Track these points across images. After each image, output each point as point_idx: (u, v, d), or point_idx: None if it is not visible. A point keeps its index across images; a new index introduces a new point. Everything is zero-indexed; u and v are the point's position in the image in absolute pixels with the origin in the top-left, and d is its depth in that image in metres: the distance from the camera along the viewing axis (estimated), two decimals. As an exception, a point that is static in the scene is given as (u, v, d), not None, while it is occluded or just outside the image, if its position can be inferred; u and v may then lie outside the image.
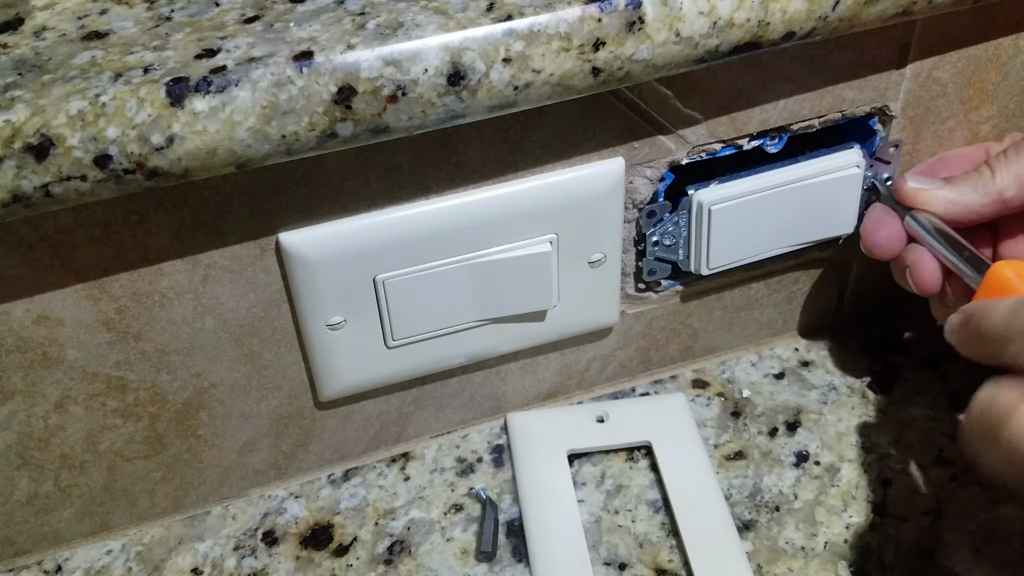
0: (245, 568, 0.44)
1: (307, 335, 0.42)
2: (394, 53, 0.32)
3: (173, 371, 0.41)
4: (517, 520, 0.45)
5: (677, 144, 0.43)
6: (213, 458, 0.45)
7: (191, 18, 0.34)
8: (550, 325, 0.46)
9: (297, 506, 0.47)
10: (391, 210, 0.40)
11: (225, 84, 0.31)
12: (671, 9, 0.34)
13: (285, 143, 0.33)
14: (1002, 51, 0.46)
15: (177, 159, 0.32)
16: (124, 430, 0.42)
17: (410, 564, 0.44)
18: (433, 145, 0.39)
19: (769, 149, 0.45)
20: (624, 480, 0.47)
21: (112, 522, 0.46)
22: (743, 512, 0.45)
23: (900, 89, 0.45)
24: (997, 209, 0.40)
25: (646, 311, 0.50)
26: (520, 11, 0.33)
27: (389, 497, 0.47)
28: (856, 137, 0.47)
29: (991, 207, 0.40)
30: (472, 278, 0.42)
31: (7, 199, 0.31)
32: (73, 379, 0.40)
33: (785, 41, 0.37)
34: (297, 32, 0.33)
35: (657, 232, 0.45)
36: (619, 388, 0.52)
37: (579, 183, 0.42)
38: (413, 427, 0.49)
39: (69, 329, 0.38)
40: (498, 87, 0.34)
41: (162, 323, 0.40)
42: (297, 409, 0.45)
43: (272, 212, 0.38)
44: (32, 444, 0.41)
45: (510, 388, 0.50)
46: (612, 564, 0.43)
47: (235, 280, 0.40)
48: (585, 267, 0.45)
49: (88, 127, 0.30)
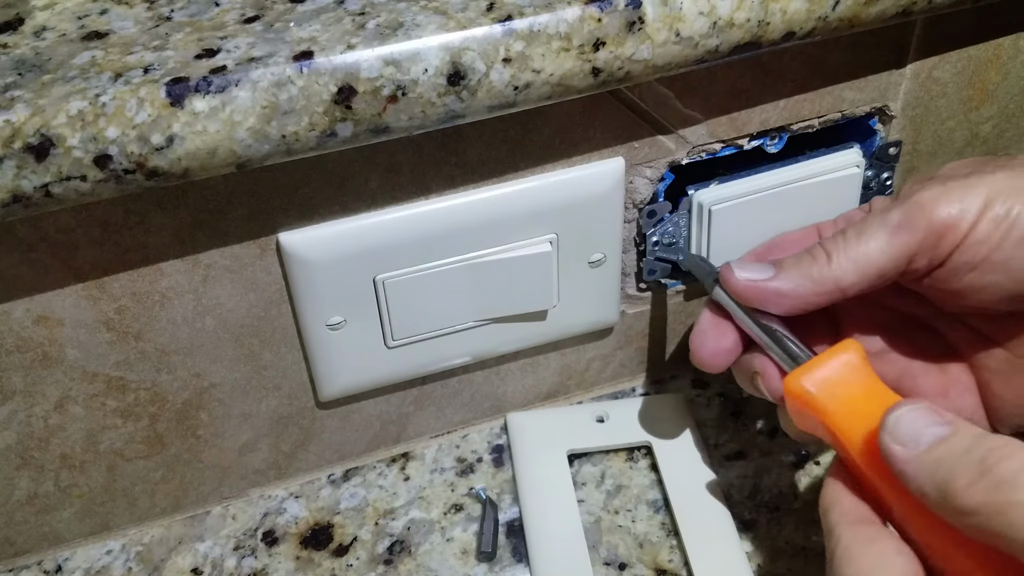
0: (245, 568, 0.44)
1: (307, 335, 0.42)
2: (394, 53, 0.32)
3: (173, 371, 0.41)
4: (517, 520, 0.45)
5: (677, 144, 0.43)
6: (213, 458, 0.45)
7: (191, 18, 0.34)
8: (550, 325, 0.46)
9: (297, 506, 0.47)
10: (391, 210, 0.40)
11: (225, 84, 0.31)
12: (671, 9, 0.34)
13: (285, 143, 0.33)
14: (1002, 51, 0.46)
15: (177, 159, 0.32)
16: (124, 430, 0.42)
17: (410, 564, 0.44)
18: (433, 145, 0.39)
19: (769, 149, 0.45)
20: (624, 480, 0.47)
21: (112, 522, 0.46)
22: (743, 512, 0.45)
23: (900, 89, 0.45)
24: (833, 298, 0.36)
25: (646, 311, 0.50)
26: (520, 11, 0.33)
27: (389, 497, 0.47)
28: (856, 137, 0.47)
29: (826, 296, 0.36)
30: (472, 278, 0.42)
31: (7, 199, 0.31)
32: (73, 379, 0.40)
33: (785, 41, 0.37)
34: (297, 32, 0.33)
35: (657, 232, 0.45)
36: (619, 388, 0.52)
37: (579, 183, 0.42)
38: (413, 427, 0.49)
39: (69, 329, 0.38)
40: (498, 87, 0.34)
41: (162, 323, 0.40)
42: (297, 409, 0.45)
43: (272, 212, 0.38)
44: (32, 444, 0.41)
45: (510, 388, 0.50)
46: (612, 564, 0.43)
47: (235, 280, 0.40)
48: (585, 267, 0.45)
49: (88, 127, 0.30)
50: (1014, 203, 0.33)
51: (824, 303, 0.37)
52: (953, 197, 0.34)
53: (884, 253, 0.35)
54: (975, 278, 0.35)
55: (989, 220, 0.34)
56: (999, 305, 0.36)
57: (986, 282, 0.35)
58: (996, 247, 0.34)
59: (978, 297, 0.35)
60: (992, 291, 0.35)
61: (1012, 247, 0.34)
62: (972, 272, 0.35)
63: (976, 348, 0.38)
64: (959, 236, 0.34)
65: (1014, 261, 0.34)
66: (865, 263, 0.35)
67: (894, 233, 0.35)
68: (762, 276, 0.37)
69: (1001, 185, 0.34)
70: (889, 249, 0.35)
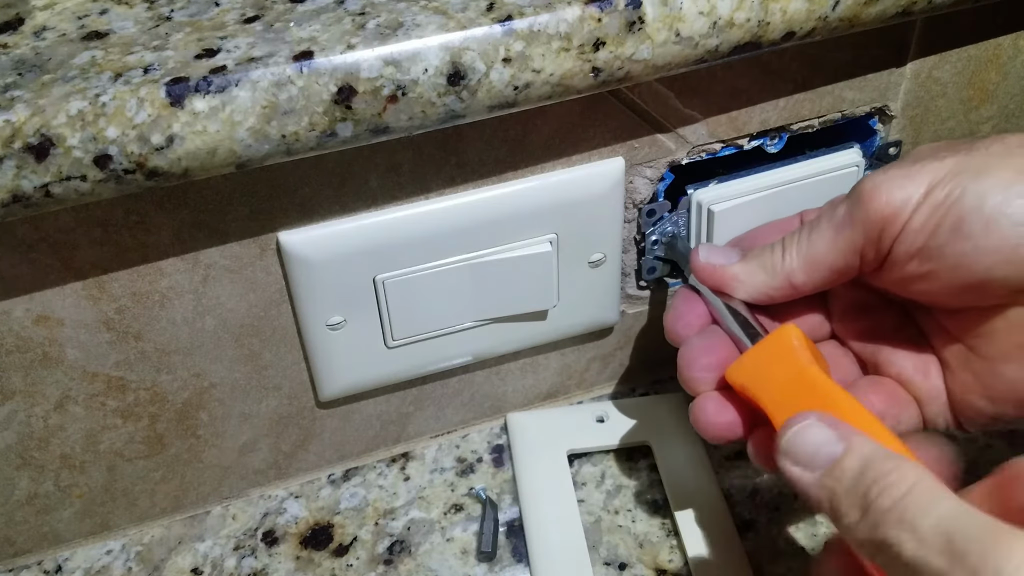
0: (245, 568, 0.44)
1: (307, 335, 0.42)
2: (394, 53, 0.32)
3: (173, 371, 0.41)
4: (517, 520, 0.45)
5: (677, 144, 0.43)
6: (213, 458, 0.45)
7: (191, 18, 0.34)
8: (550, 325, 0.46)
9: (297, 506, 0.47)
10: (391, 210, 0.40)
11: (225, 84, 0.31)
12: (671, 9, 0.34)
13: (285, 143, 0.33)
14: (1002, 51, 0.46)
15: (177, 159, 0.32)
16: (124, 430, 0.42)
17: (410, 564, 0.44)
18: (433, 145, 0.39)
19: (769, 149, 0.45)
20: (624, 480, 0.47)
21: (112, 522, 0.46)
22: (743, 512, 0.45)
23: (900, 89, 0.45)
24: (787, 293, 0.37)
25: (646, 311, 0.50)
26: (520, 11, 0.33)
27: (389, 497, 0.47)
28: (856, 137, 0.47)
29: (780, 291, 0.37)
30: (472, 278, 0.42)
31: (7, 199, 0.31)
32: (73, 379, 0.40)
33: (785, 41, 0.37)
34: (297, 32, 0.33)
35: (657, 231, 0.45)
36: (619, 388, 0.52)
37: (579, 183, 0.42)
38: (413, 427, 0.49)
39: (69, 329, 0.38)
40: (498, 87, 0.34)
41: (162, 323, 0.40)
42: (297, 409, 0.45)
43: (272, 212, 0.38)
44: (32, 444, 0.41)
45: (510, 388, 0.50)
46: (612, 564, 0.43)
47: (235, 280, 0.40)
48: (585, 267, 0.45)
49: (88, 127, 0.30)
50: (953, 187, 0.32)
51: (782, 297, 0.37)
52: (894, 186, 0.33)
53: (832, 251, 0.35)
54: (915, 268, 0.34)
55: (927, 207, 0.32)
56: (948, 299, 0.34)
57: (926, 271, 0.33)
58: (931, 234, 0.32)
59: (922, 289, 0.34)
60: (933, 282, 0.34)
61: (947, 233, 0.32)
62: (912, 262, 0.33)
63: (940, 340, 0.37)
64: (899, 226, 0.33)
65: (948, 248, 0.32)
66: (813, 261, 0.36)
67: (839, 230, 0.35)
68: (724, 262, 0.38)
69: (947, 170, 0.33)
70: (836, 246, 0.35)
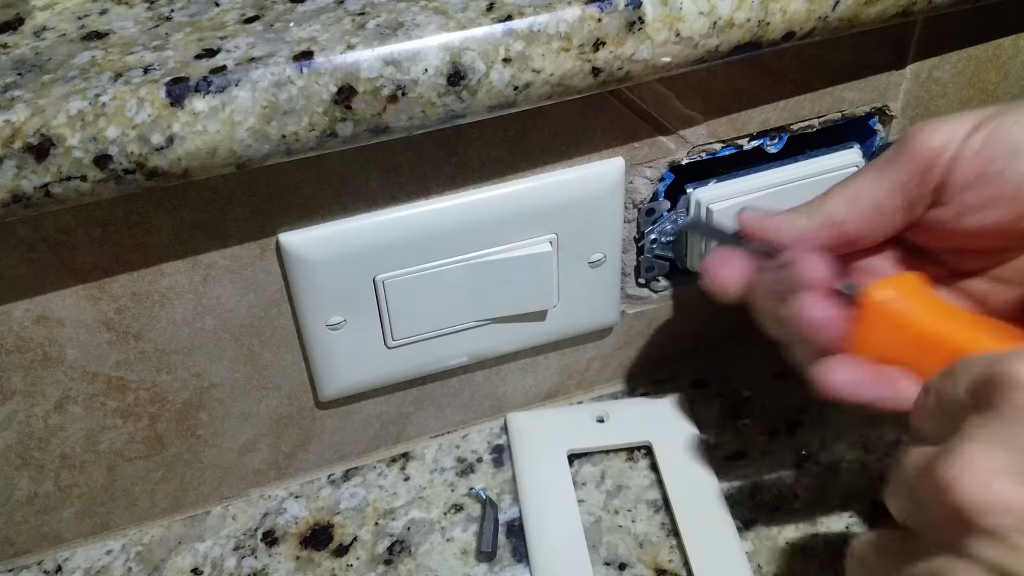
0: (245, 568, 0.44)
1: (307, 335, 0.42)
2: (394, 53, 0.32)
3: (173, 371, 0.41)
4: (517, 520, 0.45)
5: (677, 144, 0.43)
6: (213, 458, 0.45)
7: (191, 18, 0.34)
8: (550, 325, 0.46)
9: (297, 506, 0.47)
10: (391, 210, 0.40)
11: (225, 84, 0.31)
12: (671, 9, 0.34)
13: (285, 143, 0.33)
14: (1002, 51, 0.46)
15: (177, 159, 0.32)
16: (124, 430, 0.42)
17: (410, 564, 0.44)
18: (433, 145, 0.39)
19: (769, 149, 0.45)
20: (624, 480, 0.47)
21: (112, 522, 0.46)
22: (743, 512, 0.45)
23: (900, 89, 0.45)
24: (831, 234, 0.37)
25: (646, 311, 0.50)
26: (520, 11, 0.33)
27: (389, 497, 0.47)
28: (856, 137, 0.47)
29: (823, 232, 0.37)
30: (472, 278, 0.42)
31: (7, 199, 0.31)
32: (73, 379, 0.40)
33: (785, 41, 0.37)
34: (297, 32, 0.33)
35: (656, 230, 0.45)
36: (619, 388, 0.52)
37: (579, 183, 0.42)
38: (413, 427, 0.49)
39: (69, 329, 0.38)
40: (498, 87, 0.34)
41: (162, 323, 0.40)
42: (297, 409, 0.45)
43: (272, 212, 0.38)
44: (32, 444, 0.41)
45: (510, 388, 0.50)
46: (612, 564, 0.43)
47: (235, 280, 0.40)
48: (585, 267, 0.45)
49: (88, 127, 0.30)
50: (1002, 120, 0.34)
51: (825, 240, 0.37)
52: (938, 125, 0.35)
53: (874, 186, 0.36)
54: (973, 197, 0.34)
55: (980, 136, 0.34)
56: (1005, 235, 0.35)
57: (986, 198, 0.34)
58: (990, 160, 0.34)
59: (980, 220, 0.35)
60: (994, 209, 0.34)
61: (1005, 158, 0.33)
62: (969, 192, 0.34)
63: None
64: (945, 160, 0.34)
65: (1009, 170, 0.33)
66: (855, 197, 0.37)
67: (882, 168, 0.36)
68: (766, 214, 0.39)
69: (991, 111, 0.34)
70: (878, 183, 0.36)
